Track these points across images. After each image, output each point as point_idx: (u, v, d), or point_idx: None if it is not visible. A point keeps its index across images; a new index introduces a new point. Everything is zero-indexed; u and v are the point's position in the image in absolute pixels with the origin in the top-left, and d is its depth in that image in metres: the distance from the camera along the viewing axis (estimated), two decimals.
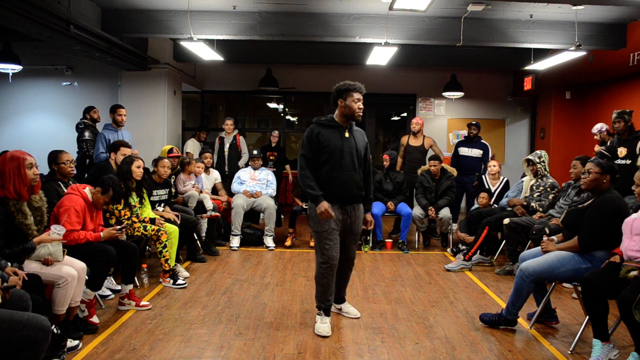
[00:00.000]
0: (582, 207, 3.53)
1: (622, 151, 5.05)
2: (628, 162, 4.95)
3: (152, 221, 4.56)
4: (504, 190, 5.97)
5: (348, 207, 3.58)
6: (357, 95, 3.49)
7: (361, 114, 3.54)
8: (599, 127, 6.07)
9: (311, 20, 6.05)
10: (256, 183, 6.47)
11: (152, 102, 7.51)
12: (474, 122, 7.17)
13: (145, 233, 4.41)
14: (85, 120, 6.32)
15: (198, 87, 9.27)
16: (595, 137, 6.19)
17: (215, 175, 6.62)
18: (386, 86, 9.13)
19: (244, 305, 4.08)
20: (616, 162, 5.07)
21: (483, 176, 6.34)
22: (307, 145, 3.52)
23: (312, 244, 6.33)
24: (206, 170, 6.35)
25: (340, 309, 3.90)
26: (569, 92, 8.09)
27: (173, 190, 5.52)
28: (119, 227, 3.82)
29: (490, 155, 7.06)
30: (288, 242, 6.26)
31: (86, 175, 6.19)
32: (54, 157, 4.08)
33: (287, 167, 8.15)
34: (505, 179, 6.15)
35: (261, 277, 4.92)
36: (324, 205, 3.40)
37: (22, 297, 2.57)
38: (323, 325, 3.52)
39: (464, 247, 5.57)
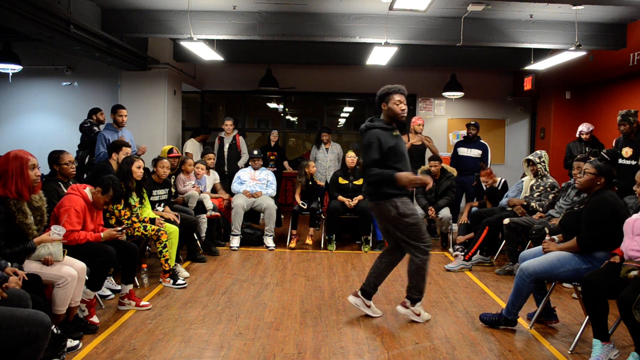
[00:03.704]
0: (579, 209, 3.53)
1: (627, 151, 5.00)
2: (633, 162, 4.91)
3: (152, 221, 4.56)
4: (503, 190, 5.98)
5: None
6: (398, 97, 3.64)
7: (405, 114, 3.69)
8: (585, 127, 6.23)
9: (311, 20, 6.05)
10: (256, 183, 6.47)
11: (152, 102, 7.51)
12: (472, 122, 7.17)
13: (145, 233, 4.41)
14: (92, 120, 6.37)
15: (198, 87, 9.27)
16: (584, 136, 6.23)
17: (215, 176, 6.63)
18: None
19: (244, 305, 4.08)
20: (621, 162, 5.04)
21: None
22: (377, 150, 3.56)
23: (308, 241, 6.33)
24: (207, 170, 6.35)
25: (369, 306, 3.87)
26: (569, 92, 8.09)
27: (173, 190, 5.53)
28: (119, 227, 3.82)
29: (489, 156, 7.06)
30: (293, 244, 6.24)
31: (85, 175, 6.19)
32: (56, 157, 4.08)
33: (285, 163, 8.10)
34: (503, 180, 6.14)
35: (261, 277, 4.92)
36: (407, 174, 3.49)
37: (22, 297, 2.57)
38: (425, 313, 3.80)
39: (458, 246, 5.66)
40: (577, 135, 6.38)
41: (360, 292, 3.89)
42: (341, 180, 6.37)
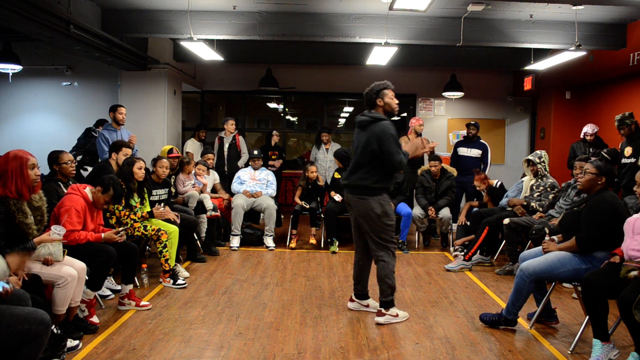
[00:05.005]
0: (578, 210, 3.53)
1: (628, 150, 5.13)
2: (633, 160, 5.02)
3: (151, 214, 4.56)
4: (501, 191, 5.97)
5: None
6: (391, 93, 3.72)
7: (398, 109, 3.79)
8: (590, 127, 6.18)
9: (311, 20, 6.05)
10: (256, 183, 6.47)
11: (152, 102, 7.50)
12: (472, 122, 7.17)
13: (146, 233, 4.41)
14: (99, 130, 6.36)
15: (198, 87, 9.27)
16: (589, 137, 6.22)
17: (214, 176, 6.63)
18: None
19: (244, 305, 4.09)
20: (623, 161, 5.13)
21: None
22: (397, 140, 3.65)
23: (312, 241, 6.33)
24: (207, 170, 6.35)
25: (367, 305, 3.98)
26: (569, 92, 8.09)
27: (173, 190, 5.52)
28: (120, 228, 3.83)
29: (489, 156, 7.06)
30: (293, 244, 6.23)
31: (84, 172, 6.18)
32: (55, 157, 4.08)
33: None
34: (499, 182, 6.13)
35: (261, 277, 4.92)
36: (415, 142, 3.76)
37: (22, 297, 2.57)
38: (401, 312, 3.83)
39: (458, 247, 5.64)
40: (581, 136, 6.37)
41: (354, 297, 4.05)
42: (336, 175, 6.41)
